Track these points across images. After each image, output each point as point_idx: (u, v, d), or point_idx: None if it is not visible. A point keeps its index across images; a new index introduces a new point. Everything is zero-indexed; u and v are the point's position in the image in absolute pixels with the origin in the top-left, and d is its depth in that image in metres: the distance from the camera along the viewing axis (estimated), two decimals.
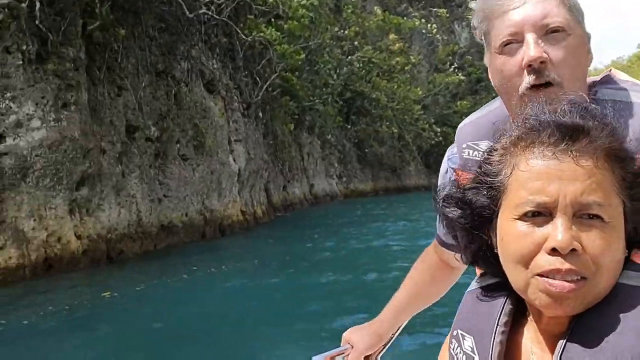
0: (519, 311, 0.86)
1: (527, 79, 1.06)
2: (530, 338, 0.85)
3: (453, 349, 0.92)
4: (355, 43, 24.13)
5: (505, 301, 0.87)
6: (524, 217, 0.78)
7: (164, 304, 7.55)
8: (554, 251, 0.75)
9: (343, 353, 1.48)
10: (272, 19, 16.02)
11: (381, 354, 1.54)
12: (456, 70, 35.38)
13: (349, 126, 30.75)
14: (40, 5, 9.54)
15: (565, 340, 0.76)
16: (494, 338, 0.84)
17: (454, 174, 1.22)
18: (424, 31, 33.00)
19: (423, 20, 31.60)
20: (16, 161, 9.19)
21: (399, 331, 1.56)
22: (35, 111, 9.39)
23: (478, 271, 0.98)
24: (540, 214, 0.77)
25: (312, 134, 29.12)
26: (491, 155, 0.85)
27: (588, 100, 0.91)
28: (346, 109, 30.27)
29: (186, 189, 14.95)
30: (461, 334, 0.90)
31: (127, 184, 12.35)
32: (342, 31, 22.87)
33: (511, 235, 0.79)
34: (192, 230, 14.78)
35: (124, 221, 12.10)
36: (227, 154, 17.27)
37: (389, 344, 1.54)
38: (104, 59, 11.63)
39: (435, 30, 33.46)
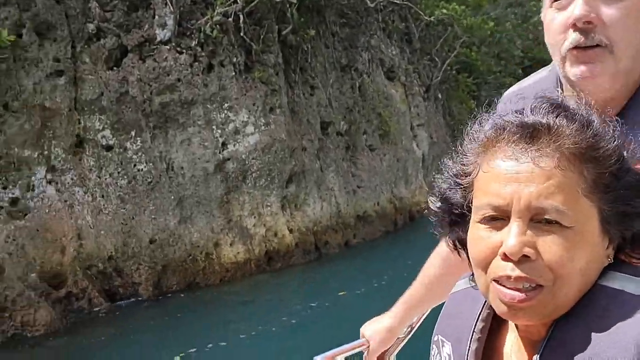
0: None
1: (571, 38, 0.98)
2: (511, 344, 0.81)
3: (433, 355, 0.90)
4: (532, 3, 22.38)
5: (484, 305, 0.83)
6: (483, 220, 0.76)
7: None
8: (506, 257, 0.72)
9: (362, 346, 1.46)
10: None
11: (396, 352, 1.47)
12: None
13: None
14: (244, 18, 10.23)
15: (542, 349, 0.72)
16: (469, 346, 0.81)
17: None
18: None
19: None
20: (237, 165, 10.02)
21: (414, 329, 1.49)
22: (248, 118, 10.14)
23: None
24: (499, 218, 0.74)
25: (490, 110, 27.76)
26: (465, 156, 0.82)
27: None
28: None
29: (376, 178, 15.15)
30: (441, 339, 0.88)
31: (325, 178, 12.84)
32: None
33: (472, 238, 0.78)
34: (385, 219, 14.96)
35: (326, 214, 12.60)
36: (410, 140, 17.14)
37: (404, 342, 1.48)
38: (297, 61, 12.17)
39: None
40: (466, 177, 0.81)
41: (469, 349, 0.81)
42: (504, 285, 0.73)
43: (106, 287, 8.28)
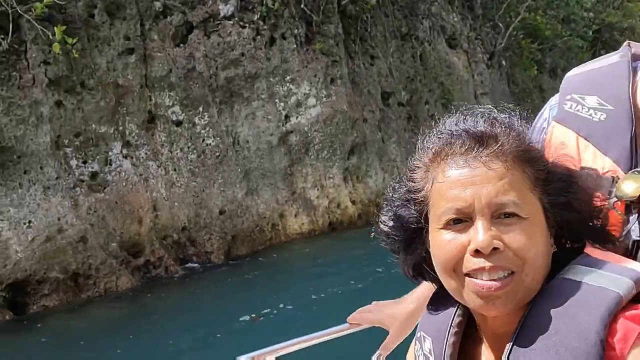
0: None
1: None
2: (485, 340, 0.87)
3: (416, 351, 0.95)
4: None
5: (460, 303, 0.88)
6: (447, 226, 0.82)
7: None
8: (477, 253, 0.78)
9: (337, 332, 1.29)
10: None
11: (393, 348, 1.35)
12: None
13: None
14: None
15: (512, 342, 0.77)
16: (447, 340, 0.87)
17: (549, 124, 1.12)
18: None
19: None
20: (300, 137, 10.14)
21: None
22: (310, 90, 10.19)
23: None
24: (461, 221, 0.81)
25: (555, 77, 26.61)
26: (414, 173, 0.89)
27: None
28: (590, 46, 26.80)
29: None
30: (423, 335, 0.93)
31: (387, 149, 12.78)
32: None
33: (437, 245, 0.83)
34: None
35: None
36: None
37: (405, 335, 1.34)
38: (357, 31, 12.06)
39: None
40: (419, 192, 0.88)
41: (446, 343, 0.87)
42: (480, 279, 0.79)
43: (181, 256, 8.67)
